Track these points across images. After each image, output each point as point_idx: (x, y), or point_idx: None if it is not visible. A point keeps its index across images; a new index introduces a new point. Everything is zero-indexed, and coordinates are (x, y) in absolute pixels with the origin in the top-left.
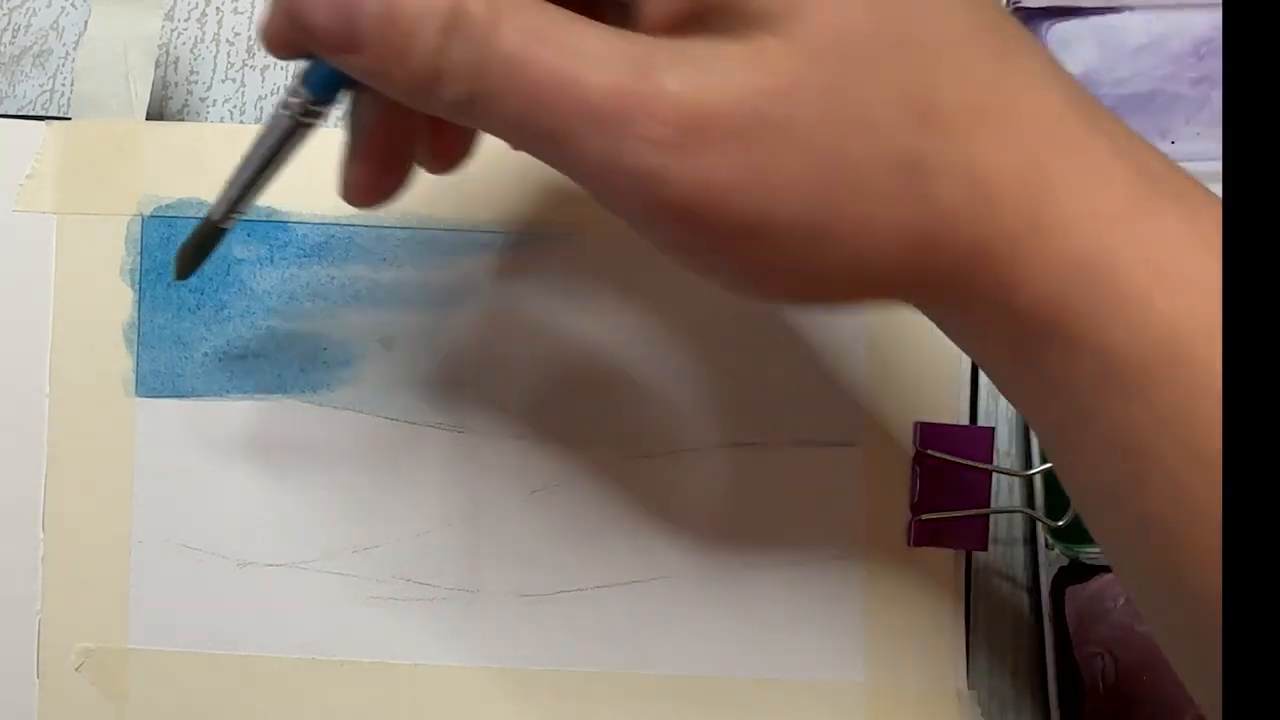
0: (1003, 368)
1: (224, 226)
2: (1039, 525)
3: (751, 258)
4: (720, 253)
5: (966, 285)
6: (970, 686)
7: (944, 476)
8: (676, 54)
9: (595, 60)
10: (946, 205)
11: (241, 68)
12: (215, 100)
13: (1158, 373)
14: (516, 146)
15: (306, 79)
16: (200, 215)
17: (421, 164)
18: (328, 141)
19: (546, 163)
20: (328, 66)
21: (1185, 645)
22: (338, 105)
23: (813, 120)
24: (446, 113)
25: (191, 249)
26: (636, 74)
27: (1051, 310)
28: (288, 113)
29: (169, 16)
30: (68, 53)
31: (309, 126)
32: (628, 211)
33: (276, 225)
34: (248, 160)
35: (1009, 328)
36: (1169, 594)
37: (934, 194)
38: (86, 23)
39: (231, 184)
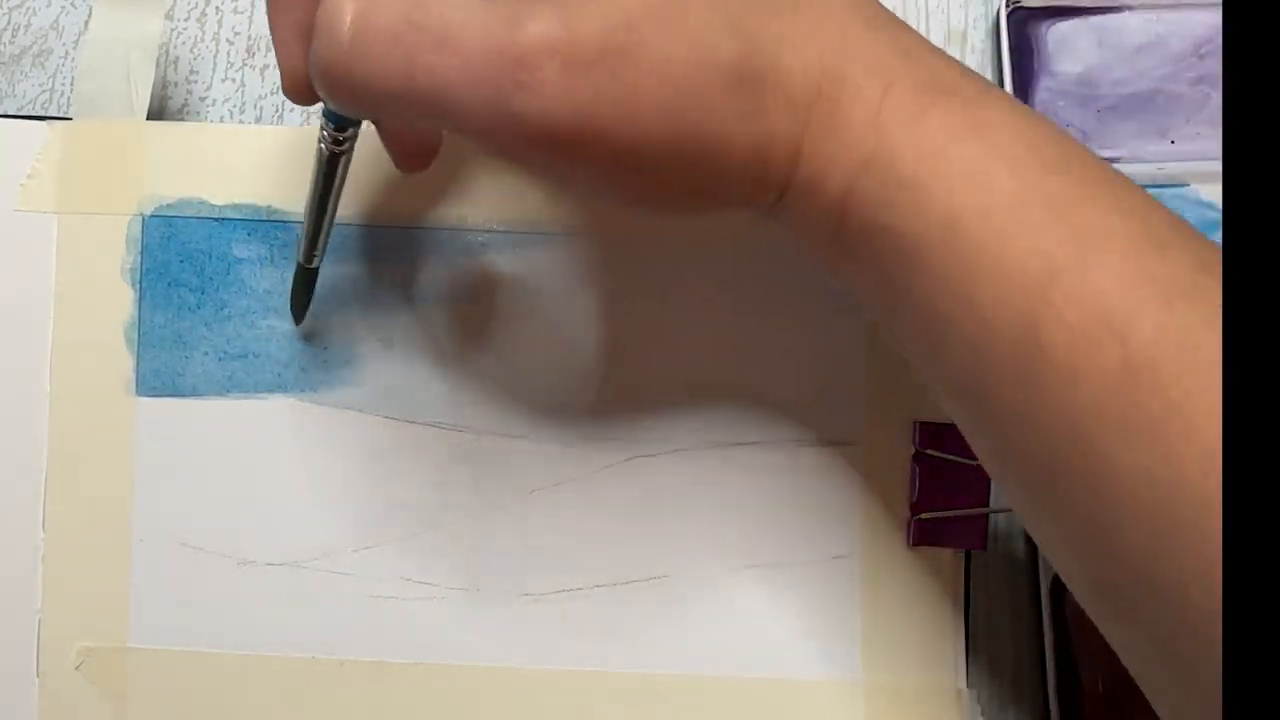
0: (834, 264)
1: (312, 266)
2: None
3: (629, 178)
4: (603, 177)
5: (793, 189)
6: (969, 686)
7: (944, 475)
8: (533, 4)
9: (466, 28)
10: (770, 116)
11: (241, 67)
12: (215, 100)
13: (937, 247)
14: (416, 124)
15: (325, 112)
16: (200, 215)
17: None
18: None
19: (438, 128)
20: None
21: (991, 463)
22: (353, 129)
23: (658, 44)
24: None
25: (295, 294)
26: (507, 29)
27: (852, 202)
28: (321, 146)
29: (169, 16)
30: (67, 52)
31: (341, 153)
32: (515, 154)
33: (277, 225)
34: (308, 201)
35: (828, 225)
36: (973, 439)
37: (759, 108)
38: (87, 23)
39: (303, 225)
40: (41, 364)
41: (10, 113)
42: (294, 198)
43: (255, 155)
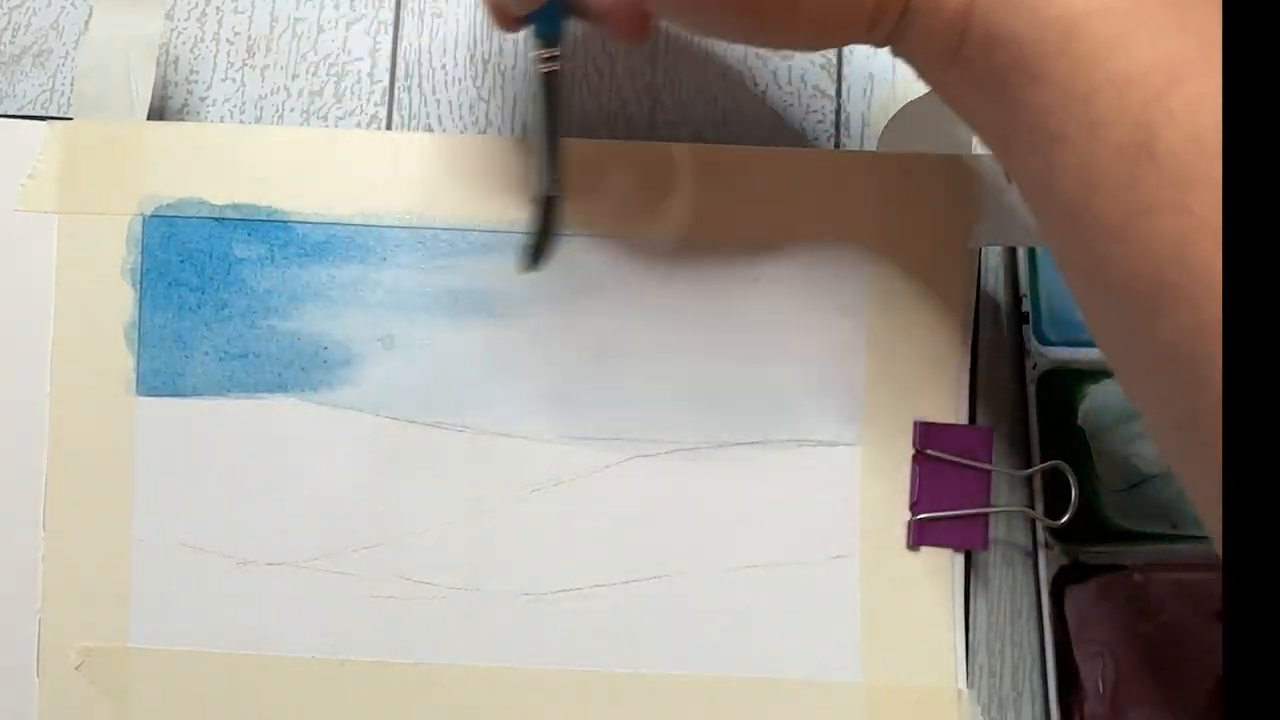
0: (950, 83)
1: (555, 194)
2: (1039, 525)
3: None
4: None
5: (914, 3)
6: (969, 686)
7: (944, 475)
8: None
9: None
10: None
11: (241, 67)
12: (215, 100)
13: (1056, 53)
14: None
15: (535, 33)
16: (200, 215)
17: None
18: (330, 143)
19: None
20: (538, 15)
21: (1091, 297)
22: (561, 41)
23: None
24: None
25: (537, 232)
26: None
27: (975, 11)
28: (538, 68)
29: (169, 16)
30: (68, 52)
31: (555, 71)
32: None
33: (277, 225)
34: (535, 126)
35: (950, 43)
36: (1077, 271)
37: None
38: (87, 23)
39: (539, 154)
40: (41, 364)
41: (10, 113)
42: (294, 197)
43: (255, 155)
